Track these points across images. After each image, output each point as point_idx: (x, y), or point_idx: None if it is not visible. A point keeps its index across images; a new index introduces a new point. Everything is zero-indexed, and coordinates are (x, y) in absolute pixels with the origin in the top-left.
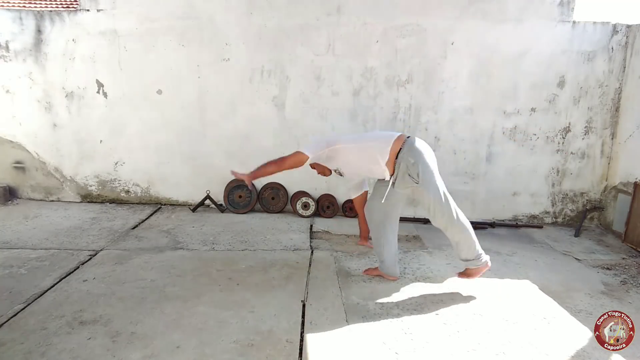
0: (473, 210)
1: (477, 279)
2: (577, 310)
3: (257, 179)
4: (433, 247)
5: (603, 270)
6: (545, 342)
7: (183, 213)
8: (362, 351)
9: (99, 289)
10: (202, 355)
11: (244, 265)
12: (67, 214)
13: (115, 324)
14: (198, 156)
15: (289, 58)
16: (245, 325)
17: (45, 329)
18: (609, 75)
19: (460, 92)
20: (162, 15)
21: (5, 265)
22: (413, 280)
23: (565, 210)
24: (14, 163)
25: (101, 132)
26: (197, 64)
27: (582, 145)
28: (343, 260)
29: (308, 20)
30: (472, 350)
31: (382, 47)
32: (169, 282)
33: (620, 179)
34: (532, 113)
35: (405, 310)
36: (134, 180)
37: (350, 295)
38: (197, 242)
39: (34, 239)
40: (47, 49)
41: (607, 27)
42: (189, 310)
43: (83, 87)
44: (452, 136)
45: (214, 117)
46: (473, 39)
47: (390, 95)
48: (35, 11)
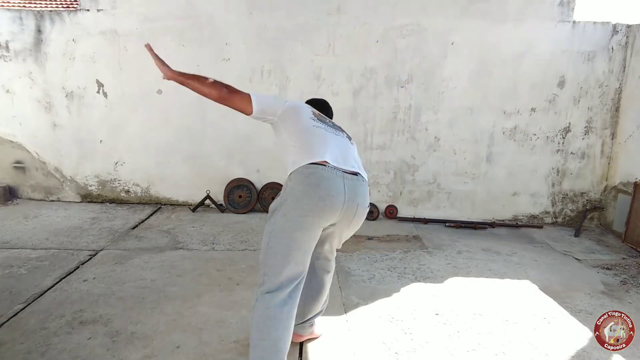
0: (473, 210)
1: (478, 279)
2: (577, 310)
3: (180, 83)
4: (433, 247)
5: (603, 270)
6: (545, 342)
7: (183, 213)
8: (362, 351)
9: (99, 289)
10: (202, 355)
11: (244, 265)
12: (67, 214)
13: (115, 324)
14: (198, 156)
15: (289, 58)
16: (245, 325)
17: (45, 329)
18: (609, 75)
19: (460, 92)
20: (162, 15)
21: (5, 265)
22: (413, 280)
23: (565, 210)
24: (14, 163)
25: (101, 132)
26: (197, 64)
27: (582, 145)
28: (343, 260)
29: (308, 20)
30: (472, 350)
31: (382, 47)
32: (169, 282)
33: (620, 179)
34: (532, 113)
35: (405, 310)
36: (134, 180)
37: (350, 295)
38: (197, 242)
39: (34, 239)
40: (47, 49)
41: (607, 27)
42: (189, 310)
43: (83, 87)
44: (452, 136)
45: (214, 117)
46: (473, 39)
47: (390, 95)
48: (35, 11)
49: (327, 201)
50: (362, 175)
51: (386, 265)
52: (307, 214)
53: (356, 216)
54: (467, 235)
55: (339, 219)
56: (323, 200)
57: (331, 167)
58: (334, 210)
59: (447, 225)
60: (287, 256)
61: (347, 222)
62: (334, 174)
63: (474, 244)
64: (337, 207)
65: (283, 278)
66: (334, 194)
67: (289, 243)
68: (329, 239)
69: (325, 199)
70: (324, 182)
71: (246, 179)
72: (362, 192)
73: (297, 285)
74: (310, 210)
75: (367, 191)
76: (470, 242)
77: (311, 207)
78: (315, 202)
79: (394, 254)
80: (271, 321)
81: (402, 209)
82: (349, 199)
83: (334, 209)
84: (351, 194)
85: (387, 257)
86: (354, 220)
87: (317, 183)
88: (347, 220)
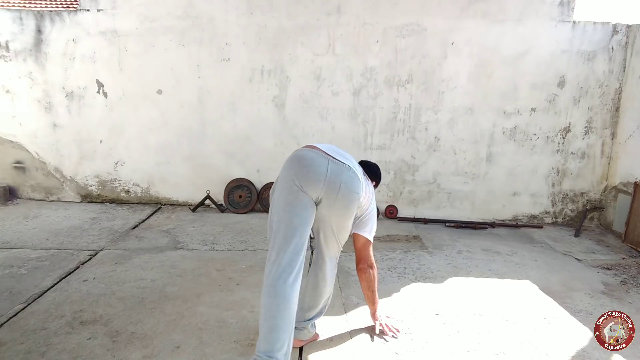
0: (473, 210)
1: (478, 279)
2: (577, 310)
3: (377, 303)
4: (433, 247)
5: (603, 270)
6: (545, 342)
7: (183, 213)
8: (362, 351)
9: (99, 289)
10: (202, 355)
11: (244, 265)
12: (67, 214)
13: (115, 324)
14: (198, 156)
15: (289, 58)
16: (245, 325)
17: (45, 329)
18: (609, 75)
19: (460, 92)
20: (162, 15)
21: (5, 265)
22: (413, 280)
23: (565, 210)
24: (14, 163)
25: (101, 132)
26: (197, 64)
27: (582, 145)
28: (343, 260)
29: (308, 20)
30: (472, 350)
31: (382, 47)
32: (169, 282)
33: (620, 179)
34: (532, 113)
35: (405, 310)
36: (134, 180)
37: (350, 295)
38: (197, 242)
39: (34, 239)
40: (47, 49)
41: (607, 27)
42: (189, 310)
43: (83, 87)
44: (452, 136)
45: (214, 117)
46: (473, 39)
47: (390, 95)
48: (35, 11)
49: (310, 169)
50: (352, 167)
51: (386, 265)
52: (293, 179)
53: (340, 194)
54: (467, 235)
55: (323, 193)
56: (306, 168)
57: (319, 150)
58: (317, 180)
59: (447, 225)
60: (281, 221)
61: (332, 200)
62: (319, 154)
63: (474, 244)
64: (320, 179)
65: (279, 242)
66: (315, 166)
67: (284, 207)
68: (321, 227)
69: (308, 167)
70: (308, 155)
71: (246, 179)
72: (347, 175)
73: (294, 255)
74: (295, 176)
75: (354, 177)
76: (470, 242)
77: (296, 172)
78: (298, 169)
79: (394, 254)
80: (266, 289)
81: (402, 209)
82: (332, 175)
83: (317, 179)
84: (334, 173)
85: (387, 257)
86: (337, 198)
87: (302, 156)
88: (332, 197)
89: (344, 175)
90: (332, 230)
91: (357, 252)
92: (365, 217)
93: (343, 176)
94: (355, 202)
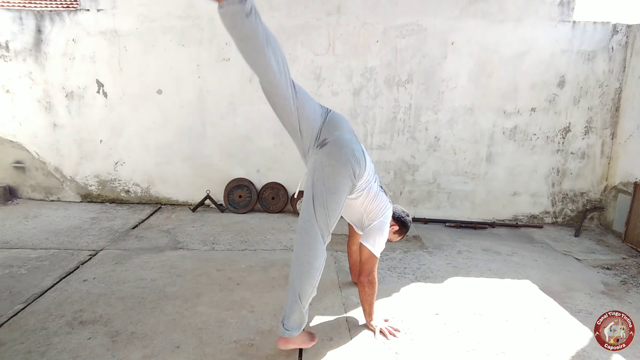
0: (473, 210)
1: (478, 279)
2: (577, 310)
3: (373, 315)
4: (433, 247)
5: (603, 270)
6: (545, 342)
7: (183, 213)
8: (362, 351)
9: (99, 288)
10: (202, 355)
11: (244, 265)
12: (67, 213)
13: (115, 323)
14: (198, 156)
15: (289, 58)
16: (245, 325)
17: (45, 328)
18: (609, 75)
19: (460, 92)
20: (162, 15)
21: (5, 265)
22: (413, 280)
23: (565, 210)
24: (14, 163)
25: (101, 132)
26: (197, 64)
27: (582, 145)
28: (343, 260)
29: (308, 20)
30: (472, 350)
31: (382, 47)
32: (169, 282)
33: (620, 179)
34: (532, 113)
35: (405, 310)
36: (134, 180)
37: (350, 295)
38: (197, 242)
39: (34, 239)
40: (47, 49)
41: (607, 27)
42: (189, 310)
43: (83, 87)
44: (452, 136)
45: (214, 117)
46: (473, 39)
47: (390, 95)
48: (35, 11)
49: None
50: (361, 147)
51: (386, 265)
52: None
53: (334, 139)
54: (467, 235)
55: (323, 127)
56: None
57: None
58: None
59: (447, 225)
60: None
61: (328, 136)
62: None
63: (474, 244)
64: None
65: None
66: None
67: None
68: (316, 178)
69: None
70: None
71: (246, 179)
72: (350, 138)
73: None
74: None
75: (357, 147)
76: (470, 242)
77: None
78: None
79: (393, 254)
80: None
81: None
82: (336, 121)
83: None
84: (340, 122)
85: (387, 257)
86: (331, 141)
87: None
88: (329, 135)
89: (347, 134)
90: (324, 184)
91: (361, 264)
92: (371, 227)
93: (337, 131)
94: (348, 161)
